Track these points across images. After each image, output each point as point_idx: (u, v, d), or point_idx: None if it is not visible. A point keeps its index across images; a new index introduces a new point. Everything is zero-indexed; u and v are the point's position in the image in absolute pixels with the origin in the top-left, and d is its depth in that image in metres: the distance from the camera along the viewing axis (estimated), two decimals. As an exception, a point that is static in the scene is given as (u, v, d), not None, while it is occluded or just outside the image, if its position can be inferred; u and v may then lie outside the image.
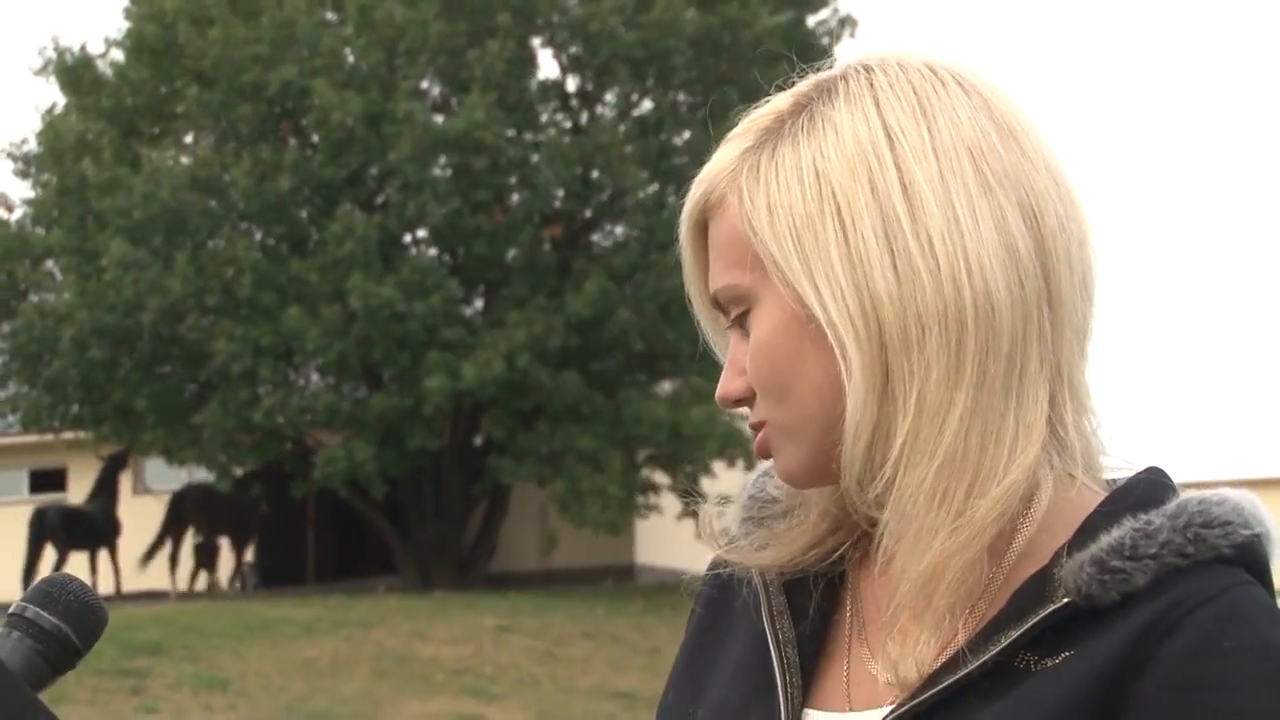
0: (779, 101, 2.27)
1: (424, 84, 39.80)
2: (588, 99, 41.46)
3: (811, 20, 41.24)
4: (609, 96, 41.06)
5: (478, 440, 40.91)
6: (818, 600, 2.29)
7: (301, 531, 45.28)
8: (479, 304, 40.10)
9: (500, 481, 40.90)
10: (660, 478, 40.55)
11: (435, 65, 39.60)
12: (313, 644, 32.50)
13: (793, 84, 2.31)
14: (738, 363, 2.26)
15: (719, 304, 2.29)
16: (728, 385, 2.27)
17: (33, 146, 41.82)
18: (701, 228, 2.29)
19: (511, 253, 39.54)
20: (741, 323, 2.25)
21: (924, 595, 2.16)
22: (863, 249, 2.14)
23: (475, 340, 38.12)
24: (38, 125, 41.92)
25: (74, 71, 41.90)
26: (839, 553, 2.31)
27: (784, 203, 2.18)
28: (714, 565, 2.42)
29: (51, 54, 42.12)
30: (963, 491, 2.14)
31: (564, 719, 26.59)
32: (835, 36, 41.07)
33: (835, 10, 42.06)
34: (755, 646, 2.30)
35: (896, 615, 2.18)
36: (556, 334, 37.86)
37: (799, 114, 2.23)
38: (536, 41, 40.78)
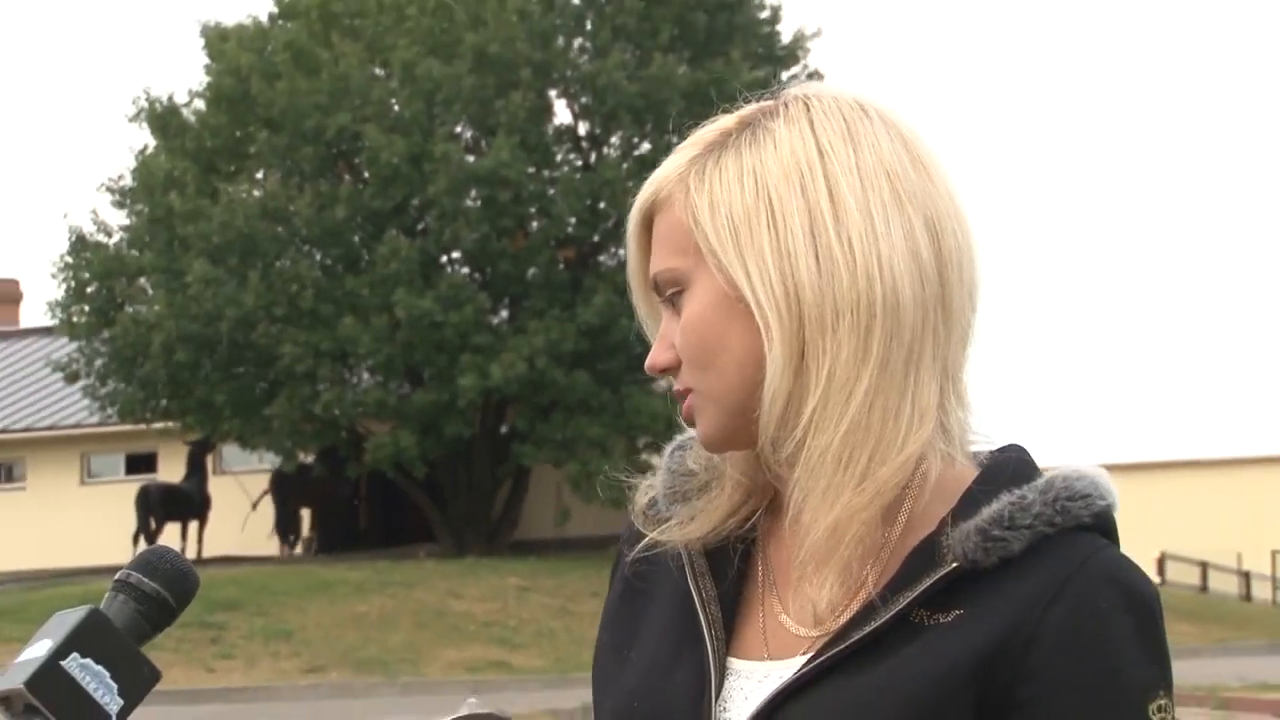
0: (725, 121, 2.27)
1: (458, 129, 39.63)
2: (596, 141, 41.30)
3: (785, 74, 41.07)
4: (614, 139, 40.90)
5: (503, 429, 40.70)
6: (735, 562, 2.27)
7: (354, 506, 45.15)
8: (504, 314, 39.89)
9: (522, 464, 40.70)
10: (657, 460, 40.29)
11: (467, 113, 39.49)
12: (363, 601, 32.41)
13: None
14: (668, 337, 2.24)
15: (657, 287, 2.27)
16: (657, 356, 2.25)
17: (128, 182, 41.61)
18: (648, 222, 2.28)
19: (531, 271, 39.40)
20: (674, 302, 2.24)
21: (829, 546, 2.15)
22: (790, 243, 2.16)
23: (501, 345, 38.00)
24: (131, 164, 41.66)
25: (162, 118, 41.75)
26: (751, 521, 2.29)
27: (724, 200, 2.19)
28: (636, 539, 2.37)
29: (144, 103, 41.95)
30: (865, 457, 2.14)
31: (576, 665, 26.47)
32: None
33: (805, 66, 41.94)
34: (682, 605, 2.27)
35: (805, 564, 2.17)
36: (569, 340, 37.78)
37: (743, 130, 2.24)
38: (553, 93, 40.59)
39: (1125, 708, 2.11)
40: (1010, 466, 2.20)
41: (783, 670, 2.18)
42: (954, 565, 2.12)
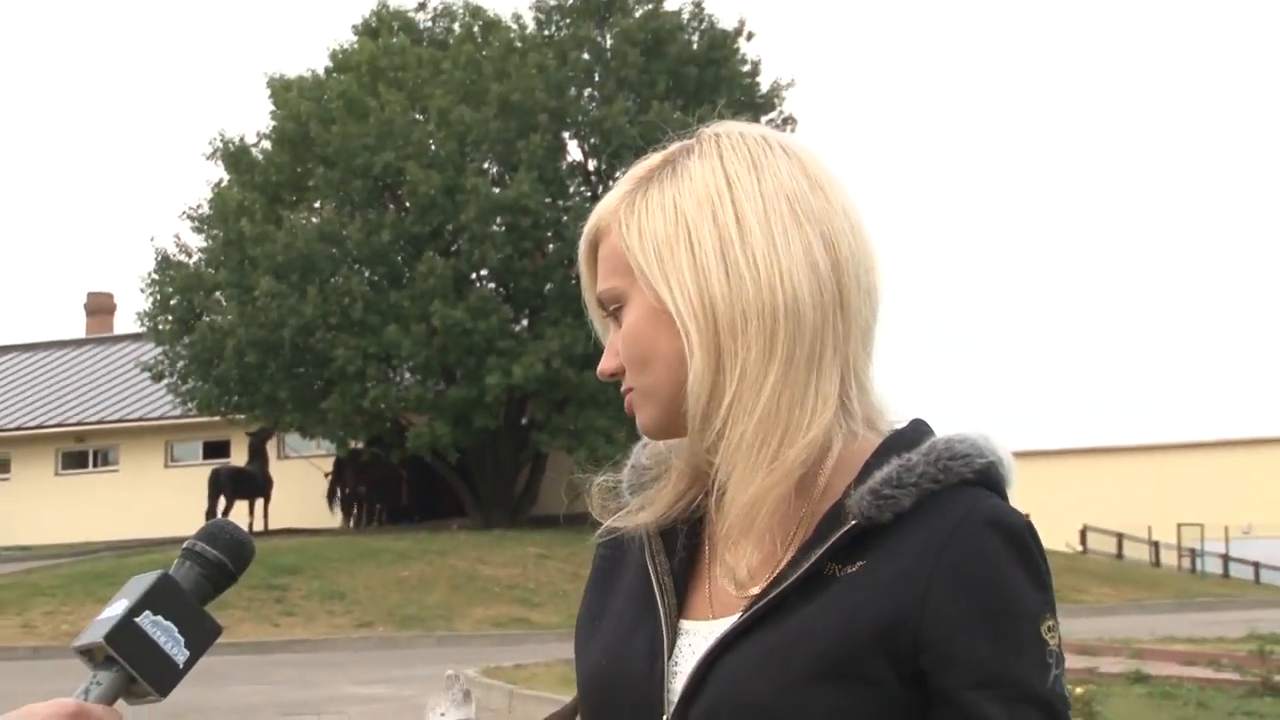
0: (653, 159, 2.32)
1: (485, 165, 39.67)
2: (602, 176, 41.32)
3: (764, 119, 41.13)
4: (618, 174, 40.76)
5: (524, 420, 40.72)
6: (683, 540, 2.32)
7: (397, 485, 45.19)
8: (524, 323, 39.91)
9: (540, 450, 40.75)
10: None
11: (493, 152, 39.53)
12: (405, 566, 32.45)
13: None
14: (614, 346, 2.29)
15: (601, 304, 2.32)
16: (605, 363, 2.30)
17: (205, 210, 41.75)
18: (593, 248, 2.32)
19: (548, 286, 39.44)
20: (617, 316, 2.29)
21: (748, 518, 2.18)
22: (704, 262, 2.19)
23: (522, 349, 38.07)
24: (208, 195, 41.83)
25: (234, 156, 41.81)
26: (696, 503, 2.32)
27: (649, 228, 2.23)
28: (607, 530, 2.43)
29: (219, 143, 42.05)
30: (776, 441, 2.18)
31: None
32: (779, 130, 41.11)
33: (780, 112, 42.02)
34: (642, 578, 2.32)
35: (728, 536, 2.21)
36: (580, 344, 37.78)
37: (665, 166, 2.28)
38: (566, 135, 40.61)
39: (1022, 632, 2.12)
40: (905, 437, 2.23)
41: (723, 627, 2.20)
42: (854, 523, 2.13)
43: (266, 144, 41.64)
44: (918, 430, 2.25)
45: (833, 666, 2.11)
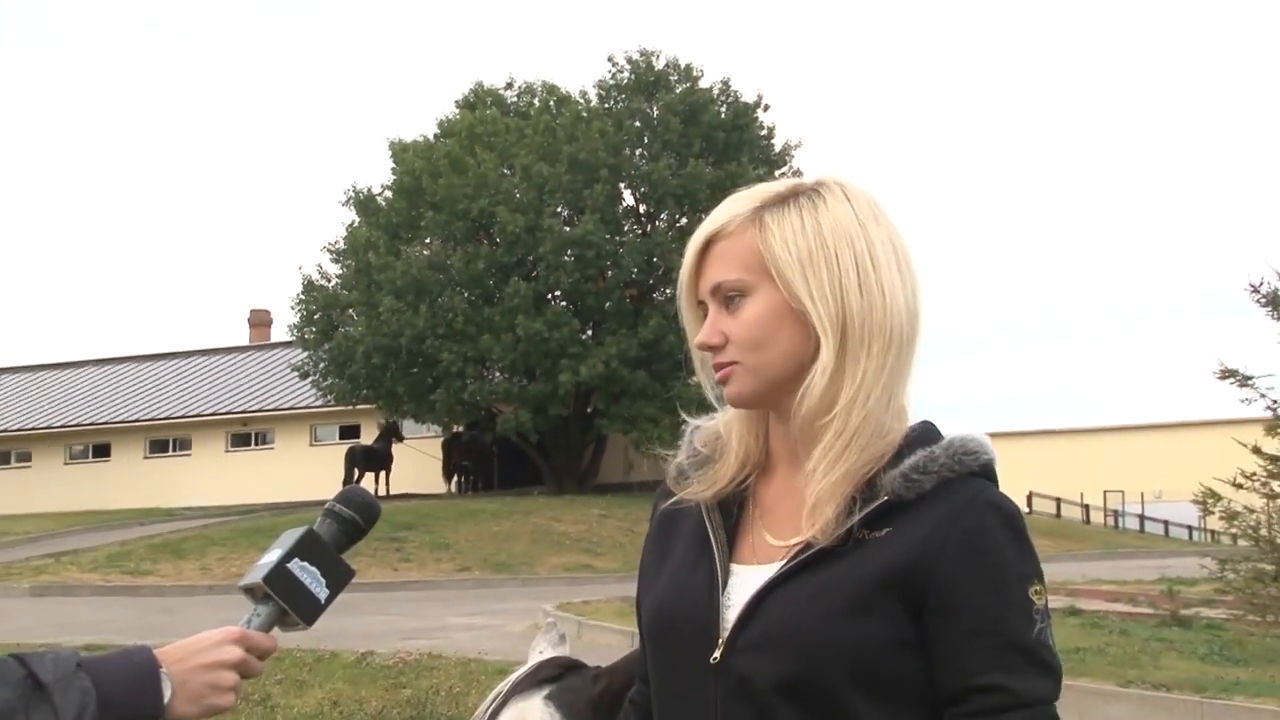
0: (775, 186, 2.31)
1: (559, 209, 39.65)
2: (650, 218, 41.21)
3: (777, 173, 41.00)
4: (662, 216, 40.82)
5: (589, 409, 40.68)
6: (733, 507, 2.32)
7: (490, 460, 45.25)
8: (589, 333, 39.82)
9: (601, 432, 40.73)
10: (680, 442, 40.56)
11: (565, 199, 39.53)
12: (497, 524, 32.49)
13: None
14: (716, 325, 2.26)
15: (715, 289, 2.28)
16: (709, 337, 2.27)
17: (340, 245, 41.93)
18: (708, 244, 2.29)
19: (608, 304, 39.35)
20: (729, 302, 2.26)
21: (839, 488, 2.19)
22: (844, 280, 2.21)
23: (587, 353, 38.01)
24: (343, 233, 42.01)
25: (363, 203, 41.96)
26: (745, 484, 2.34)
27: (793, 240, 2.22)
28: (668, 494, 2.43)
29: (351, 193, 42.28)
30: (868, 435, 2.20)
31: (638, 567, 26.60)
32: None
33: (792, 168, 41.88)
34: (699, 531, 2.32)
35: (819, 498, 2.20)
36: (633, 349, 37.79)
37: (799, 195, 2.27)
38: (622, 185, 40.55)
39: (1012, 591, 2.14)
40: (924, 433, 2.25)
41: (768, 571, 2.23)
42: (884, 499, 2.18)
43: (388, 193, 41.77)
44: (930, 428, 2.28)
45: (860, 606, 2.14)
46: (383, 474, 43.00)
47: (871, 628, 2.12)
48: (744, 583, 2.22)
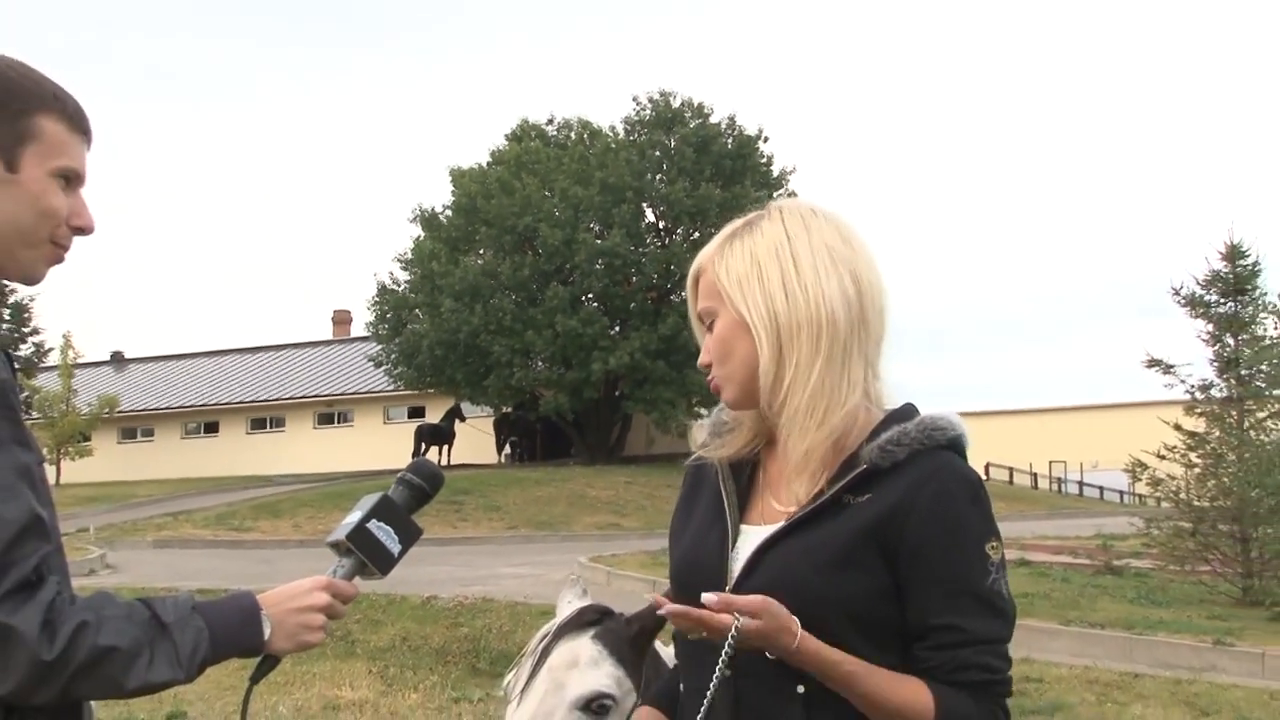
0: (737, 223, 2.33)
1: (591, 225, 39.65)
2: (669, 232, 41.12)
3: (775, 194, 40.91)
4: (679, 231, 40.78)
5: (616, 393, 40.66)
6: (746, 471, 2.35)
7: (534, 436, 45.28)
8: (617, 329, 39.80)
9: (627, 413, 40.69)
10: (704, 411, 40.66)
11: (596, 216, 39.49)
12: (538, 489, 32.47)
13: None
14: (707, 347, 2.31)
15: (700, 318, 2.34)
16: (703, 358, 2.32)
17: (408, 255, 41.96)
18: (695, 281, 2.34)
19: (632, 305, 39.37)
20: (710, 327, 2.30)
21: (804, 464, 2.22)
22: (771, 289, 2.23)
23: (615, 346, 38.03)
24: (410, 245, 42.06)
25: (428, 220, 41.97)
26: (755, 449, 2.36)
27: (734, 267, 2.26)
28: (695, 458, 2.44)
29: (418, 211, 42.35)
30: (822, 410, 2.21)
31: (659, 526, 26.63)
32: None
33: (786, 188, 41.76)
34: (716, 496, 2.34)
35: (791, 472, 2.24)
36: (654, 343, 37.79)
37: (746, 226, 2.30)
38: (644, 205, 40.48)
39: (970, 546, 2.16)
40: (902, 412, 2.26)
41: (770, 530, 2.24)
42: (864, 467, 2.20)
43: (448, 212, 41.76)
44: (909, 408, 2.29)
45: (845, 560, 2.17)
46: (446, 448, 43.07)
47: (855, 578, 2.14)
48: (750, 541, 2.25)
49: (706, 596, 2.09)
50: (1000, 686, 2.16)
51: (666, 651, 2.60)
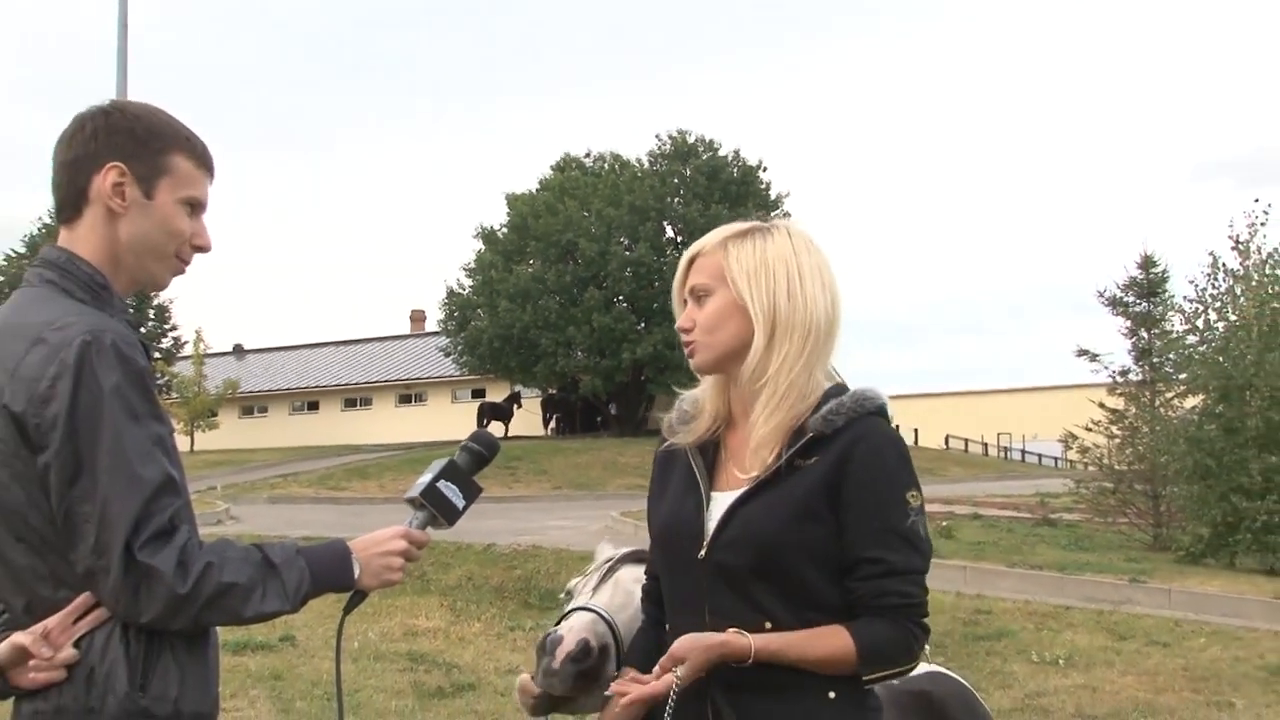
0: (740, 225, 2.32)
1: (622, 239, 39.55)
2: (686, 245, 40.88)
3: (772, 214, 40.16)
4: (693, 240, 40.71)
5: (642, 377, 40.43)
6: (710, 449, 2.32)
7: (574, 413, 45.16)
8: (642, 325, 39.59)
9: (650, 394, 40.42)
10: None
11: (625, 232, 39.34)
12: (578, 457, 32.35)
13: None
14: (690, 315, 2.29)
15: (691, 290, 2.30)
16: (684, 323, 2.30)
17: (471, 264, 41.84)
18: (691, 261, 2.31)
19: (655, 305, 39.07)
20: (699, 299, 2.28)
21: (772, 437, 2.21)
22: (777, 289, 2.22)
23: (641, 339, 37.82)
24: (473, 256, 41.86)
25: (488, 235, 41.72)
26: (715, 431, 2.33)
27: (745, 259, 2.24)
28: (667, 445, 2.41)
29: (479, 229, 42.19)
30: (794, 398, 2.22)
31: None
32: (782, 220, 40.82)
33: (781, 209, 41.44)
34: (688, 470, 2.32)
35: (757, 444, 2.23)
36: (673, 337, 37.25)
37: (756, 232, 2.28)
38: (665, 223, 40.23)
39: (893, 492, 2.15)
40: (838, 389, 2.25)
41: (737, 493, 2.23)
42: (810, 435, 2.19)
43: (504, 229, 41.65)
44: (842, 386, 2.27)
45: (802, 511, 2.17)
46: (505, 423, 43.07)
47: (810, 526, 2.15)
48: (720, 504, 2.25)
49: (645, 678, 2.16)
50: (915, 610, 2.15)
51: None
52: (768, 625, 2.14)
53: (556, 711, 2.41)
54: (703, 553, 2.21)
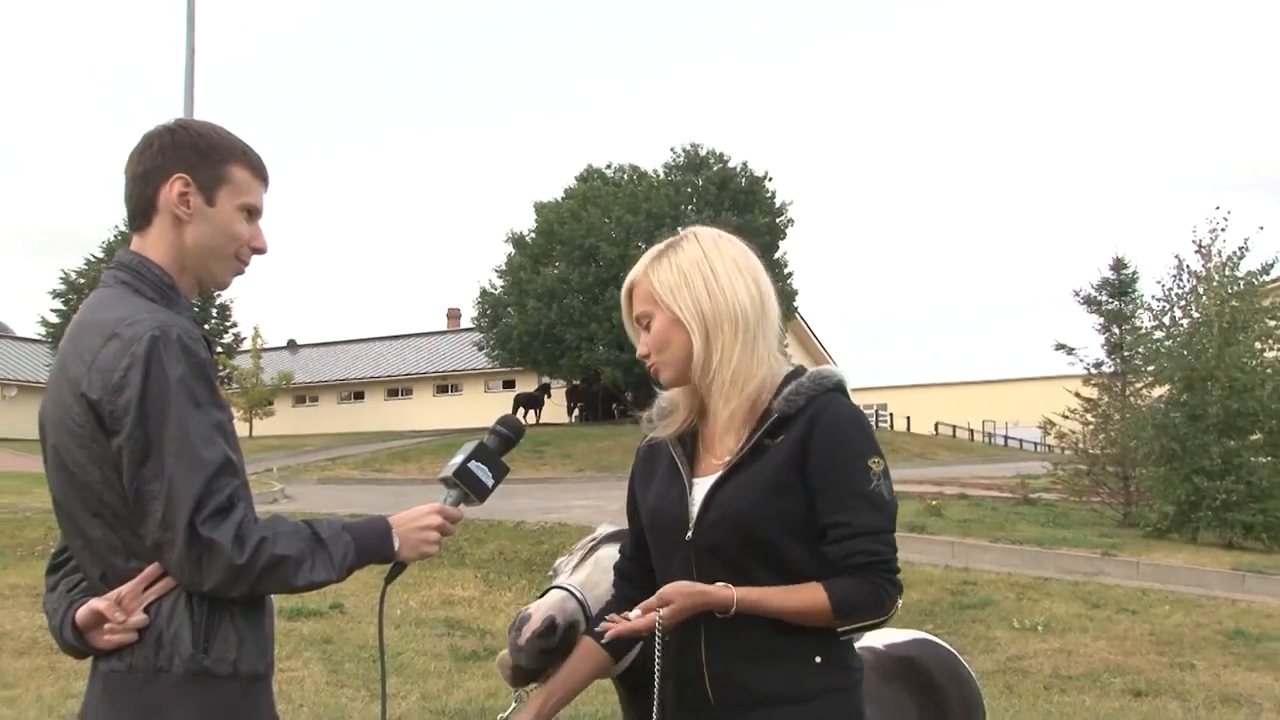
0: (656, 247, 2.30)
1: (640, 244, 39.30)
2: (696, 250, 40.99)
3: (778, 220, 40.68)
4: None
5: (658, 369, 40.50)
6: (688, 441, 2.31)
7: (596, 401, 45.11)
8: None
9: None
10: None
11: (643, 238, 38.99)
12: (600, 442, 32.15)
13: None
14: (644, 341, 2.27)
15: (637, 319, 2.28)
16: (641, 350, 2.28)
17: (502, 266, 41.67)
18: (630, 292, 2.29)
19: (669, 304, 39.27)
20: (647, 326, 2.26)
21: (730, 422, 2.21)
22: (697, 293, 2.20)
23: (657, 334, 37.90)
24: (504, 259, 41.67)
25: (518, 240, 41.55)
26: (690, 424, 2.32)
27: (665, 278, 2.22)
28: (648, 439, 2.39)
29: (510, 234, 42.02)
30: (740, 383, 2.20)
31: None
32: (786, 226, 40.72)
33: (785, 215, 41.46)
34: (670, 461, 2.30)
35: (720, 431, 2.23)
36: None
37: (669, 249, 2.26)
38: (679, 229, 39.61)
39: (854, 460, 2.12)
40: (798, 371, 2.23)
41: (714, 477, 2.22)
42: (775, 416, 2.17)
43: (533, 234, 41.59)
44: (801, 369, 2.25)
45: (775, 486, 2.15)
46: (536, 411, 43.02)
47: (784, 499, 2.13)
48: (701, 489, 2.22)
49: (629, 614, 2.14)
50: (883, 565, 2.12)
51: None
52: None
53: (534, 682, 2.39)
54: (689, 535, 2.19)
